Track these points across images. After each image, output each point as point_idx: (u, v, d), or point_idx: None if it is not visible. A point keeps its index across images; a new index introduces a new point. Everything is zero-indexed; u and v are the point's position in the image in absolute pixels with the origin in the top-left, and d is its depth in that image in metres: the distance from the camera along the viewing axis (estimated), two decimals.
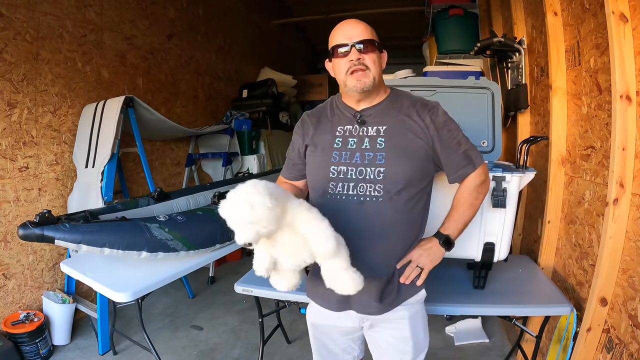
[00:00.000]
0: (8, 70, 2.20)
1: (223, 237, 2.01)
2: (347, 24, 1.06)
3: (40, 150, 2.40)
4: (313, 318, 1.20)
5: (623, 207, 1.25)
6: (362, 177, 1.04)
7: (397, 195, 1.03)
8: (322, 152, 1.10)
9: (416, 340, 1.13)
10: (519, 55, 2.29)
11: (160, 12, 3.45)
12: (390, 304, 1.09)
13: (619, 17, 1.21)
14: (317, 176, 1.10)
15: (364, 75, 1.02)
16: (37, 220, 1.49)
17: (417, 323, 1.14)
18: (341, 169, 1.06)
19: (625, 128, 1.23)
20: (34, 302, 2.37)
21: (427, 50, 4.00)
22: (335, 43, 1.05)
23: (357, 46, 1.02)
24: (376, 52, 1.04)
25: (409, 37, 5.49)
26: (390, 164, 1.03)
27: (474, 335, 2.30)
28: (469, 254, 1.53)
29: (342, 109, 1.13)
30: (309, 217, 0.89)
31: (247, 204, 0.80)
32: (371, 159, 1.04)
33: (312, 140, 1.13)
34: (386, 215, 1.02)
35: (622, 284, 1.28)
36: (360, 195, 1.03)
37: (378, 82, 1.06)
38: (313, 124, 1.15)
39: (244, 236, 0.82)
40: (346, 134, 1.09)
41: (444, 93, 1.83)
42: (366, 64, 1.02)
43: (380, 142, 1.05)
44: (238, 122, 3.95)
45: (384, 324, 1.13)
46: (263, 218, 0.80)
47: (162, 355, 1.96)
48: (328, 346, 1.21)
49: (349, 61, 1.02)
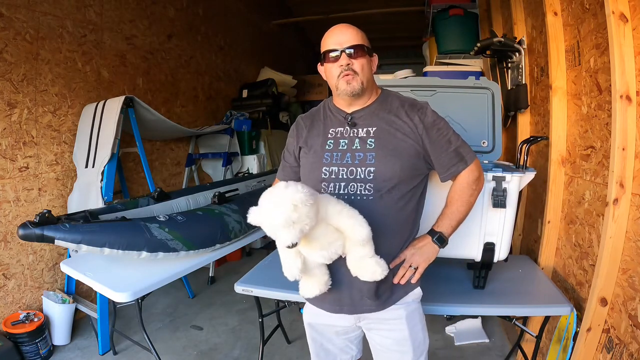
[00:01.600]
0: (8, 70, 2.20)
1: (223, 237, 2.01)
2: (337, 29, 1.09)
3: (40, 150, 2.40)
4: (309, 318, 1.21)
5: (623, 207, 1.25)
6: (353, 176, 1.06)
7: (387, 194, 1.05)
8: (314, 153, 1.13)
9: (415, 340, 1.13)
10: (519, 55, 2.29)
11: (160, 12, 3.45)
12: (385, 301, 1.10)
13: (619, 17, 1.21)
14: (309, 177, 1.13)
15: (353, 80, 1.06)
16: (37, 220, 1.49)
17: (415, 322, 1.14)
18: (333, 169, 1.08)
19: (625, 128, 1.23)
20: (34, 302, 2.37)
21: (427, 50, 4.00)
22: (326, 48, 1.09)
23: (347, 51, 1.06)
24: (366, 56, 1.08)
25: (409, 37, 5.49)
26: (380, 164, 1.05)
27: (474, 335, 2.30)
28: (469, 254, 1.53)
29: (334, 111, 1.16)
30: (342, 208, 0.94)
31: (291, 204, 0.82)
32: (361, 159, 1.07)
33: (306, 142, 1.16)
34: (377, 213, 1.04)
35: (622, 284, 1.28)
36: (351, 195, 1.05)
37: (367, 85, 1.09)
38: (307, 126, 1.18)
39: (290, 237, 0.83)
40: (337, 135, 1.12)
41: (444, 93, 1.83)
42: (355, 69, 1.06)
43: (370, 142, 1.08)
44: (238, 122, 3.95)
45: (381, 324, 1.13)
46: (306, 215, 0.83)
47: (162, 355, 1.96)
48: (325, 346, 1.21)
49: (340, 66, 1.06)
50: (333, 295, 1.09)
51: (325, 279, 1.02)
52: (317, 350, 1.23)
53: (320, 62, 1.13)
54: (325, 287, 1.03)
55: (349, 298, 1.08)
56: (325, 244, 0.93)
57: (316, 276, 1.01)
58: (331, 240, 0.94)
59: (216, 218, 2.05)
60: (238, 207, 2.20)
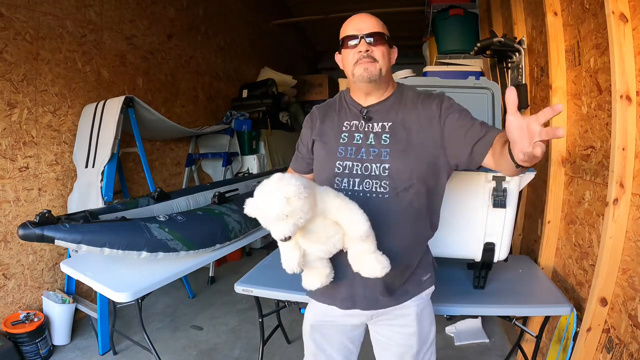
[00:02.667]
0: (8, 70, 2.20)
1: (223, 237, 2.01)
2: (358, 17, 1.06)
3: (40, 150, 2.40)
4: (315, 318, 1.18)
5: (623, 207, 1.25)
6: (368, 173, 1.04)
7: (403, 192, 1.02)
8: (328, 146, 1.10)
9: (421, 334, 1.14)
10: (519, 55, 2.29)
11: (160, 12, 3.45)
12: (399, 298, 1.09)
13: (619, 17, 1.21)
14: (323, 171, 1.11)
15: (371, 65, 1.02)
16: (37, 220, 1.49)
17: (425, 318, 1.15)
18: (347, 164, 1.06)
19: (625, 128, 1.23)
20: (34, 302, 2.37)
21: (427, 50, 4.00)
22: (345, 34, 1.05)
23: (366, 39, 1.02)
24: (385, 45, 1.04)
25: (409, 37, 5.48)
26: (395, 161, 1.03)
27: (474, 335, 2.30)
28: (469, 254, 1.53)
29: (350, 104, 1.13)
30: (340, 202, 0.91)
31: (283, 197, 0.79)
32: (376, 154, 1.04)
33: (319, 134, 1.13)
34: (391, 211, 1.02)
35: (622, 284, 1.28)
36: (367, 192, 1.03)
37: (385, 74, 1.05)
38: (321, 117, 1.16)
39: (283, 230, 0.81)
40: (352, 129, 1.09)
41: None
42: (374, 56, 1.02)
43: (385, 138, 1.05)
44: (238, 122, 3.95)
45: (393, 320, 1.13)
46: (300, 209, 0.81)
47: (162, 355, 1.96)
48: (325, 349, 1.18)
49: (358, 52, 1.02)
50: (346, 291, 1.07)
51: (326, 272, 1.00)
52: (316, 352, 1.19)
53: (338, 50, 1.09)
54: (327, 279, 1.00)
55: (363, 294, 1.07)
56: (323, 238, 0.92)
57: (317, 269, 0.99)
58: (329, 234, 0.92)
59: (216, 218, 2.05)
60: (238, 207, 2.20)
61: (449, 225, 1.46)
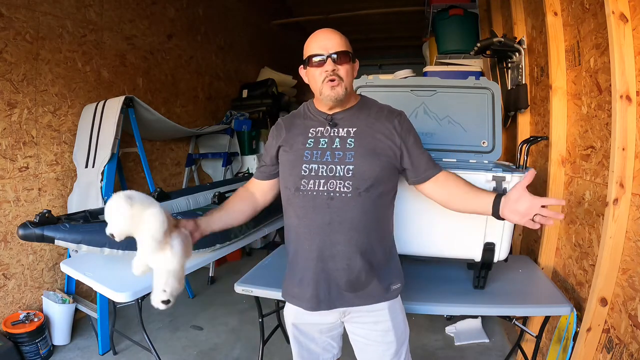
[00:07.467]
0: (8, 70, 2.20)
1: (223, 237, 2.01)
2: (323, 34, 1.10)
3: (40, 150, 2.40)
4: (293, 318, 1.23)
5: (623, 207, 1.26)
6: (332, 174, 1.09)
7: (365, 192, 1.08)
8: (295, 151, 1.14)
9: (397, 330, 1.18)
10: (519, 55, 2.29)
11: (160, 12, 3.45)
12: (366, 299, 1.14)
13: (619, 17, 1.21)
14: (289, 174, 1.14)
15: (338, 85, 1.07)
16: (37, 220, 1.49)
17: (397, 312, 1.19)
18: (312, 167, 1.10)
19: (625, 128, 1.23)
20: (34, 302, 2.37)
21: (427, 50, 4.00)
22: (311, 52, 1.09)
23: (332, 57, 1.06)
24: (350, 63, 1.10)
25: (409, 37, 5.49)
26: (359, 162, 1.08)
27: (474, 335, 2.30)
28: (469, 254, 1.53)
29: (315, 113, 1.18)
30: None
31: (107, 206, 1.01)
32: (341, 157, 1.10)
33: (286, 141, 1.17)
34: (354, 209, 1.07)
35: (622, 284, 1.28)
36: (330, 191, 1.08)
37: (349, 91, 1.12)
38: (287, 126, 1.20)
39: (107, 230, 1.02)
40: (318, 134, 1.14)
41: (444, 93, 1.83)
42: (340, 74, 1.07)
43: (350, 142, 1.11)
44: (238, 122, 3.95)
45: (361, 317, 1.17)
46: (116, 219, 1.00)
47: (162, 355, 1.96)
48: (308, 346, 1.23)
49: (325, 71, 1.07)
50: (311, 292, 1.11)
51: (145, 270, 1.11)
52: (300, 350, 1.25)
53: (303, 65, 1.14)
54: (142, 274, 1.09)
55: (326, 294, 1.11)
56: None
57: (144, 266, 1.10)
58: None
59: None
60: None
61: (449, 226, 1.47)
